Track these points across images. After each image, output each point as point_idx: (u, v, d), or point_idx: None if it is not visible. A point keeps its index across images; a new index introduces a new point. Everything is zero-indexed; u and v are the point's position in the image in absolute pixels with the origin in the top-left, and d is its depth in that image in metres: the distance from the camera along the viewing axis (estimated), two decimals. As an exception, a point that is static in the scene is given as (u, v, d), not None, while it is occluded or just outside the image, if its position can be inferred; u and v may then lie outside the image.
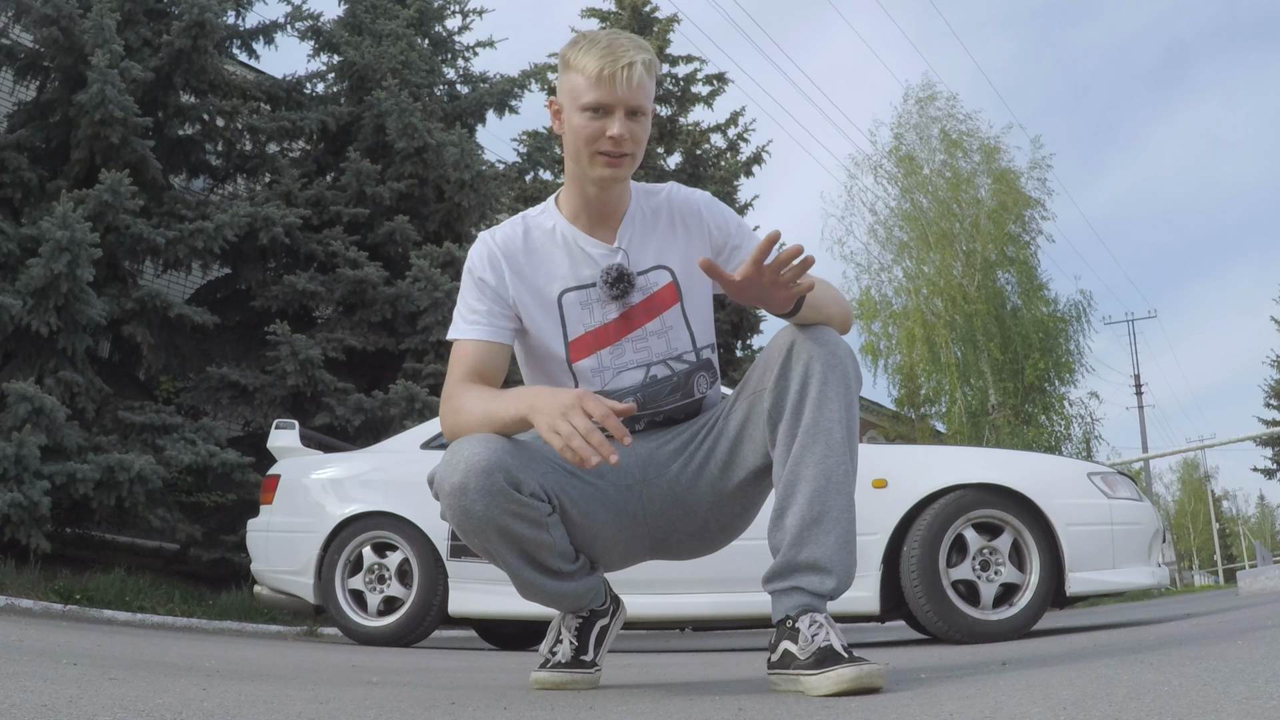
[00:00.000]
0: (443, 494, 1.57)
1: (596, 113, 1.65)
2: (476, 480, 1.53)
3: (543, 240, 1.79)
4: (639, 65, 1.64)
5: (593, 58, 1.64)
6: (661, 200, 1.84)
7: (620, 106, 1.64)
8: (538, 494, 1.59)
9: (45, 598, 5.31)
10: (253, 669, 2.38)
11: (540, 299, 1.77)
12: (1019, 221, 20.48)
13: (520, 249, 1.78)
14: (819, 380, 1.60)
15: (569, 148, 1.72)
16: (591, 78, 1.64)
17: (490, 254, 1.77)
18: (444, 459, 1.58)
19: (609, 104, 1.64)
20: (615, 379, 1.77)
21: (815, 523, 1.58)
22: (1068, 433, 20.20)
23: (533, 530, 1.60)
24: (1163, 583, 4.11)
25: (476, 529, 1.57)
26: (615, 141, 1.65)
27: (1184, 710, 1.13)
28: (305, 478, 4.88)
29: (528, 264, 1.77)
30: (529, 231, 1.80)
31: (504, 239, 1.79)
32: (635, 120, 1.67)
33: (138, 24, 7.82)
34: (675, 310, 1.79)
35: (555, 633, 1.87)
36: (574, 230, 1.78)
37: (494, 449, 1.55)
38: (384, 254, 8.48)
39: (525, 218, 1.83)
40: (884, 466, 4.03)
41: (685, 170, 14.07)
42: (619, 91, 1.63)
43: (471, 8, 10.52)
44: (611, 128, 1.64)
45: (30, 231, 6.50)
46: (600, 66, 1.63)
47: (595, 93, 1.64)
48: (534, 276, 1.77)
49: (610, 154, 1.66)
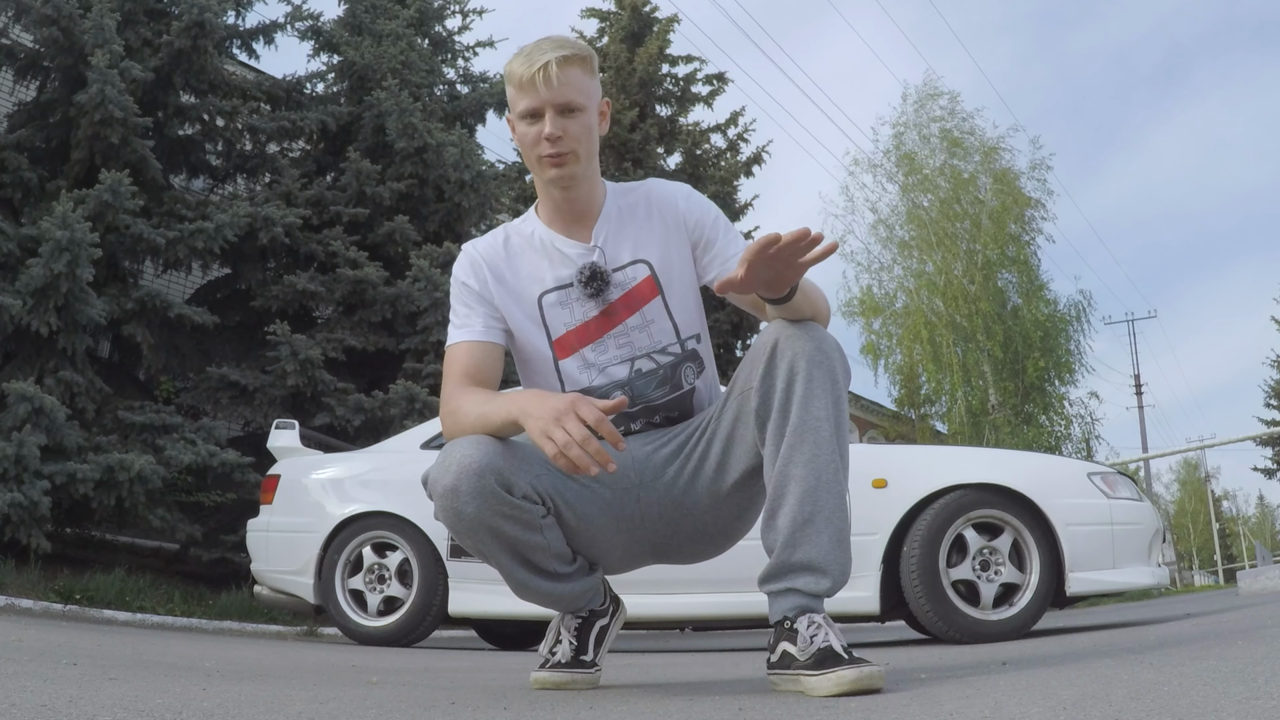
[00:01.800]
0: (435, 495, 1.58)
1: (531, 119, 1.71)
2: (468, 482, 1.54)
3: (522, 246, 1.84)
4: (553, 64, 1.66)
5: (516, 65, 1.70)
6: (639, 195, 1.86)
7: (547, 107, 1.68)
8: (530, 496, 1.60)
9: (45, 598, 5.31)
10: (253, 669, 2.38)
11: (521, 302, 1.80)
12: (1019, 221, 20.48)
13: (501, 256, 1.83)
14: (804, 377, 1.59)
15: (524, 157, 1.79)
16: (518, 85, 1.70)
17: (473, 261, 1.82)
18: (437, 460, 1.59)
19: (536, 107, 1.69)
20: (601, 375, 1.78)
21: (808, 523, 1.57)
22: (1068, 433, 20.21)
23: (526, 532, 1.61)
24: (1163, 583, 4.11)
25: (469, 530, 1.58)
26: (550, 141, 1.69)
27: (1184, 710, 1.13)
28: (305, 478, 4.88)
29: (509, 269, 1.82)
30: (509, 239, 1.85)
31: (485, 248, 1.84)
32: (569, 117, 1.70)
33: (138, 24, 7.81)
34: (656, 303, 1.80)
35: (554, 633, 1.87)
36: (550, 233, 1.82)
37: (486, 451, 1.56)
38: (384, 254, 8.48)
39: (507, 228, 1.88)
40: (884, 466, 4.03)
41: (685, 170, 14.06)
42: (542, 93, 1.67)
43: (471, 8, 10.51)
44: (546, 128, 1.69)
45: (30, 231, 6.50)
46: (521, 73, 1.69)
47: (524, 100, 1.70)
48: (515, 281, 1.81)
49: (551, 155, 1.70)
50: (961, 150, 20.88)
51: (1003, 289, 20.38)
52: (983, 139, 20.93)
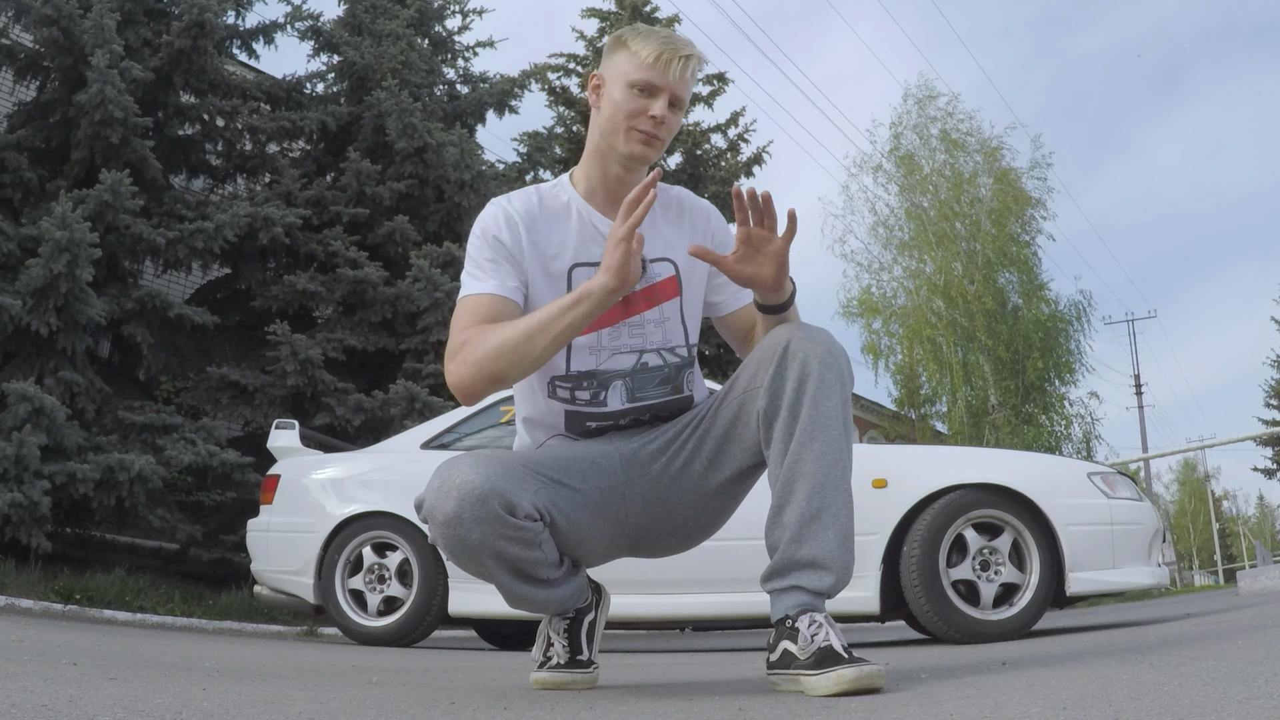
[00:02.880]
0: (434, 523, 1.53)
1: (644, 92, 1.71)
2: (472, 509, 1.49)
3: (556, 212, 1.80)
4: (694, 61, 1.73)
5: (653, 43, 1.72)
6: (673, 197, 1.88)
7: (667, 91, 1.72)
8: (531, 514, 1.55)
9: (45, 598, 5.31)
10: (253, 669, 2.38)
11: (548, 270, 1.76)
12: (1020, 221, 20.48)
13: (537, 215, 1.78)
14: (816, 377, 1.59)
15: (605, 122, 1.75)
16: (648, 60, 1.71)
17: (507, 216, 1.76)
18: (433, 485, 1.53)
19: (659, 86, 1.71)
20: (609, 360, 1.77)
21: (814, 519, 1.57)
22: (1068, 433, 20.22)
23: (526, 550, 1.57)
24: (1163, 583, 4.11)
25: (471, 557, 1.54)
26: (655, 121, 1.71)
27: (1184, 710, 1.13)
28: (305, 478, 4.87)
29: (543, 231, 1.77)
30: (543, 200, 1.81)
31: (521, 203, 1.79)
32: (674, 111, 1.74)
33: (138, 24, 7.82)
34: (674, 304, 1.80)
35: (544, 637, 1.86)
36: (588, 207, 1.79)
37: (487, 474, 1.51)
38: (384, 254, 8.48)
39: (539, 189, 1.83)
40: (884, 466, 4.03)
41: (685, 170, 14.07)
42: (670, 78, 1.71)
43: (471, 8, 10.52)
44: (655, 107, 1.71)
45: (30, 231, 6.50)
46: (660, 51, 1.71)
47: (648, 73, 1.71)
48: (546, 245, 1.76)
49: (648, 132, 1.72)
50: (961, 150, 20.89)
51: (1003, 289, 20.38)
52: (983, 139, 20.96)
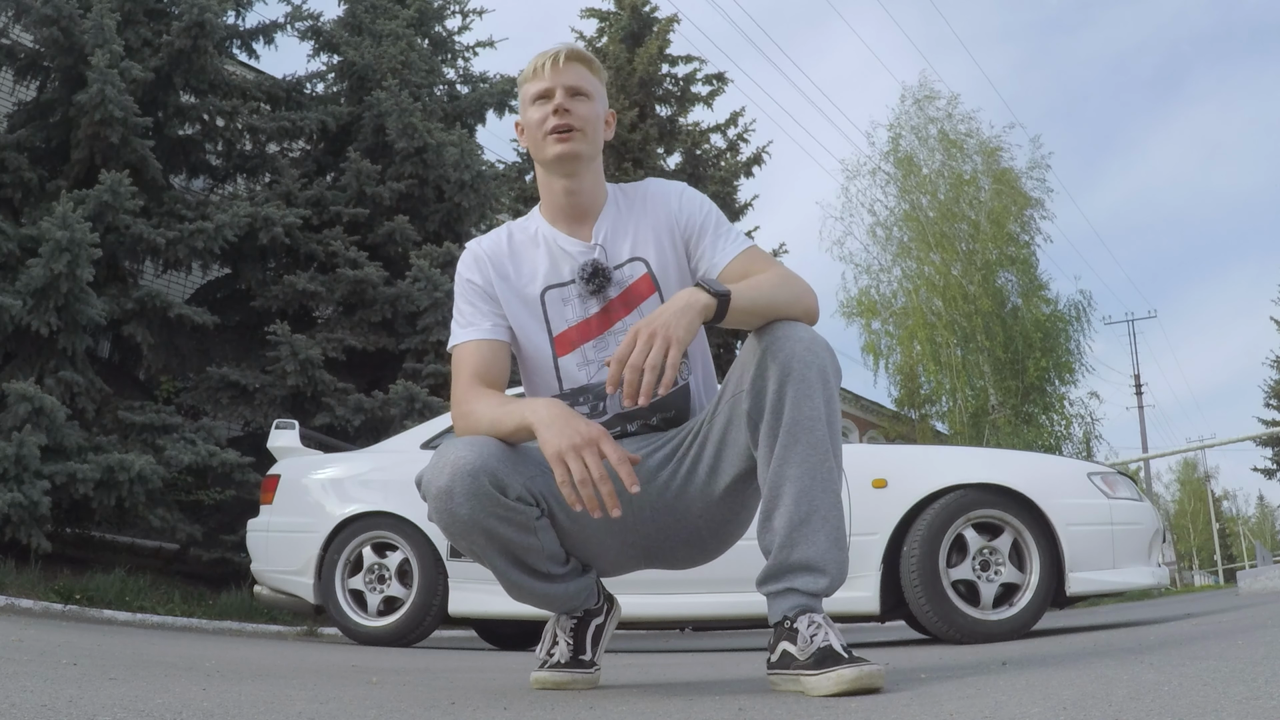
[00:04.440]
0: (429, 496, 1.58)
1: (540, 99, 1.80)
2: (462, 483, 1.54)
3: (525, 243, 1.86)
4: (563, 54, 1.79)
5: (532, 61, 1.83)
6: (638, 194, 1.89)
7: (557, 87, 1.78)
8: (524, 498, 1.60)
9: (45, 598, 5.31)
10: (253, 669, 2.38)
11: (523, 298, 1.82)
12: (1019, 221, 20.48)
13: (505, 253, 1.85)
14: (796, 378, 1.58)
15: (531, 147, 1.83)
16: (529, 74, 1.82)
17: (476, 258, 1.85)
18: (431, 461, 1.60)
19: (548, 86, 1.78)
20: (599, 372, 1.79)
21: (804, 522, 1.57)
22: (1068, 433, 20.20)
23: (520, 534, 1.61)
24: (1163, 583, 4.11)
25: (463, 532, 1.58)
26: (559, 113, 1.76)
27: (1184, 710, 1.13)
28: (305, 478, 4.88)
29: (511, 266, 1.84)
30: (512, 236, 1.88)
31: (489, 245, 1.87)
32: (577, 99, 1.78)
33: (138, 24, 7.82)
34: (653, 301, 1.80)
35: (550, 635, 1.87)
36: (553, 231, 1.84)
37: (481, 452, 1.56)
38: (384, 254, 8.48)
39: (510, 225, 1.91)
40: (884, 466, 4.03)
41: (685, 170, 14.07)
42: (553, 77, 1.78)
43: (471, 8, 10.52)
44: (553, 104, 1.77)
45: (30, 231, 6.50)
46: (537, 63, 1.80)
47: (535, 84, 1.80)
48: (517, 278, 1.83)
49: (556, 126, 1.76)
50: (960, 151, 20.88)
51: (1002, 289, 20.37)
52: (982, 140, 20.95)
